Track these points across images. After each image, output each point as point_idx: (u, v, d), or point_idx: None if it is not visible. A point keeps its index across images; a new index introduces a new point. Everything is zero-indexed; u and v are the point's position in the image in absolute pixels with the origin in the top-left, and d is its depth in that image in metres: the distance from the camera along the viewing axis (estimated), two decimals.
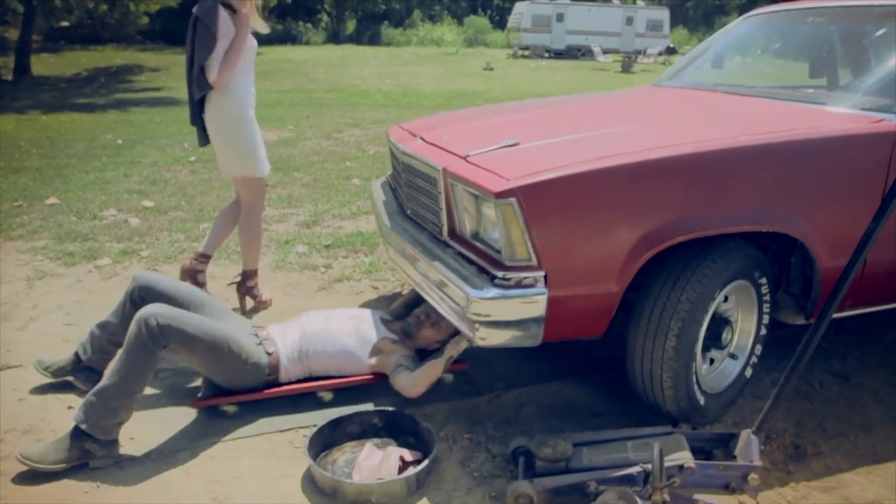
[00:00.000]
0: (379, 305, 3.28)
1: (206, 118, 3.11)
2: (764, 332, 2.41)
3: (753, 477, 1.93)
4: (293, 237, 4.40)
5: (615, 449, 2.03)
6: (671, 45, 32.86)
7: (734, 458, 2.01)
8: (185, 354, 2.24)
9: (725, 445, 2.09)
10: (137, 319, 2.15)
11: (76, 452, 2.09)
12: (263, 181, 3.26)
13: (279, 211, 5.07)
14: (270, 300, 3.37)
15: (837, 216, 2.24)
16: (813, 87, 3.20)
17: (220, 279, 3.57)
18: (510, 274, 1.96)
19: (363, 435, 2.31)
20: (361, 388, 2.53)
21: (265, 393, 2.45)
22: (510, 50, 31.18)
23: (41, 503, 1.98)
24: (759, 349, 2.43)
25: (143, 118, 10.06)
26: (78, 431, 2.09)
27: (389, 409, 2.36)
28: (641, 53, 28.80)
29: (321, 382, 2.51)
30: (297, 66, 21.18)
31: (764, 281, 2.31)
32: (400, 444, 2.27)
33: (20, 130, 8.67)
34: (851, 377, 2.74)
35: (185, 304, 2.46)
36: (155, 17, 21.57)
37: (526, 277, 1.95)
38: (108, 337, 2.51)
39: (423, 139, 2.57)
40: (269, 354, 2.45)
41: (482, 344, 2.00)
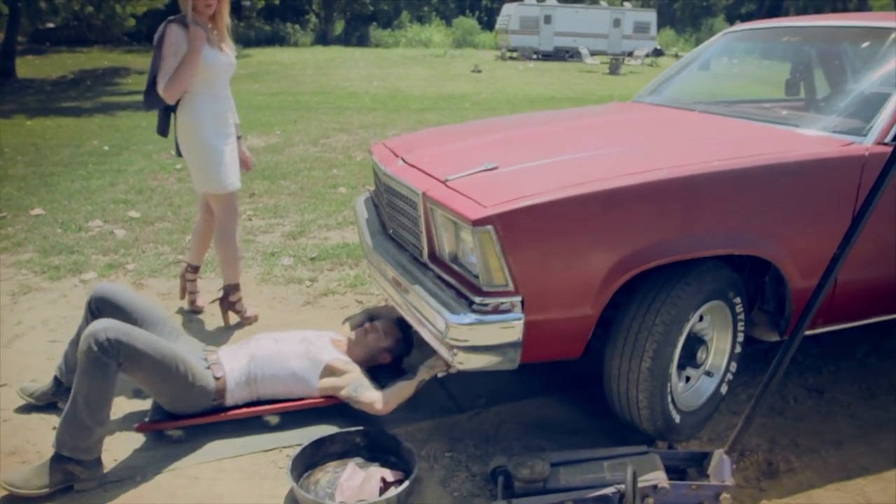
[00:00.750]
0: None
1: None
2: (739, 350, 2.46)
3: (725, 497, 1.98)
4: (279, 249, 4.43)
5: (591, 469, 2.08)
6: (658, 46, 33.08)
7: (707, 477, 2.07)
8: (132, 371, 2.22)
9: (699, 464, 2.14)
10: (86, 336, 2.12)
11: (59, 476, 2.10)
12: (231, 197, 3.21)
13: (265, 221, 5.09)
14: (256, 316, 3.40)
15: (808, 239, 2.29)
16: (787, 106, 3.26)
17: (206, 293, 3.58)
18: (487, 299, 2.00)
19: (345, 454, 2.34)
20: (309, 411, 2.53)
21: (210, 418, 2.45)
22: (498, 52, 31.27)
23: None
24: (734, 366, 2.48)
25: (129, 123, 10.03)
26: (59, 456, 2.11)
27: (371, 428, 2.39)
28: (629, 55, 28.97)
29: (268, 407, 2.51)
30: (285, 68, 21.16)
31: (738, 301, 2.37)
32: (382, 463, 2.30)
33: (5, 136, 8.63)
34: (825, 391, 2.80)
35: (139, 318, 2.47)
36: (142, 18, 21.46)
37: (503, 303, 1.99)
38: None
39: (404, 160, 2.61)
40: (216, 379, 2.45)
41: (460, 368, 2.04)
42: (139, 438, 2.42)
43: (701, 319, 2.36)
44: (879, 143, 2.35)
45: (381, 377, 2.58)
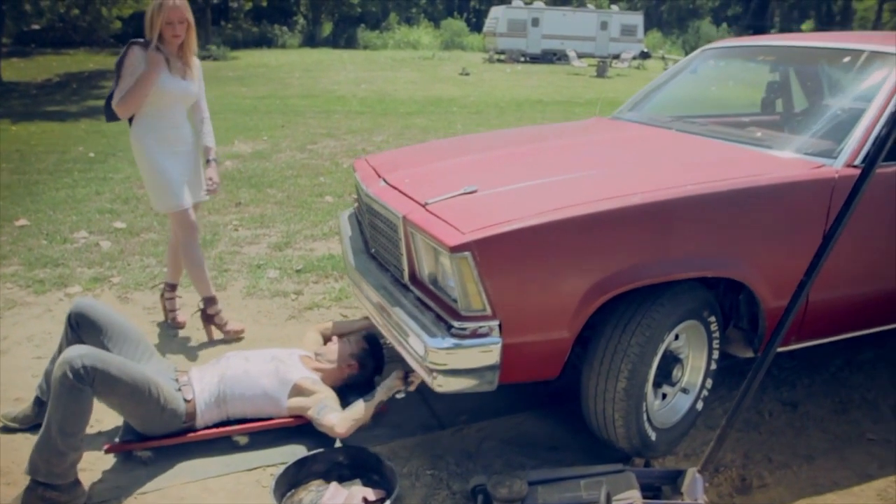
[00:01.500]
0: None
1: None
2: (714, 367, 2.52)
3: None
4: (265, 261, 4.45)
5: (568, 488, 2.13)
6: (645, 49, 33.26)
7: (681, 495, 2.12)
8: (105, 396, 2.24)
9: (673, 482, 2.19)
10: (61, 363, 2.14)
11: (37, 503, 2.11)
12: (184, 214, 3.23)
13: (251, 232, 5.11)
14: (241, 330, 3.42)
15: (780, 260, 2.35)
16: (763, 124, 3.33)
17: (190, 308, 3.60)
18: (466, 323, 2.04)
19: (328, 473, 2.38)
20: (278, 430, 2.57)
21: (179, 439, 2.47)
22: (486, 54, 31.35)
23: None
24: (709, 383, 2.53)
25: (115, 128, 9.93)
26: (35, 483, 2.12)
27: (354, 447, 2.43)
28: (616, 58, 29.14)
29: (237, 427, 2.54)
30: (272, 70, 21.13)
31: (713, 319, 2.42)
32: (364, 482, 2.34)
33: None
34: (799, 405, 2.86)
35: (115, 335, 2.50)
36: (128, 21, 21.37)
37: (481, 327, 2.04)
38: None
39: (385, 181, 2.65)
40: (186, 402, 2.48)
41: (440, 391, 2.08)
42: (109, 459, 2.44)
43: (676, 338, 2.41)
44: (849, 165, 2.41)
45: (351, 397, 2.62)
